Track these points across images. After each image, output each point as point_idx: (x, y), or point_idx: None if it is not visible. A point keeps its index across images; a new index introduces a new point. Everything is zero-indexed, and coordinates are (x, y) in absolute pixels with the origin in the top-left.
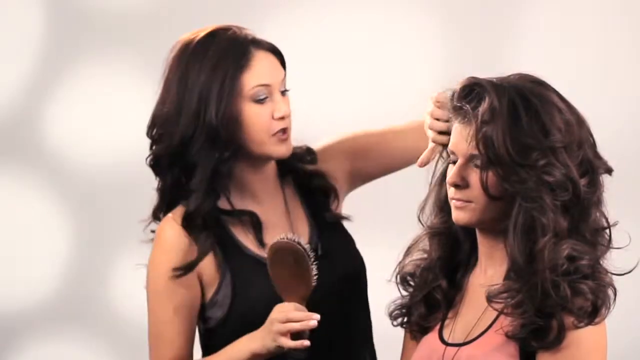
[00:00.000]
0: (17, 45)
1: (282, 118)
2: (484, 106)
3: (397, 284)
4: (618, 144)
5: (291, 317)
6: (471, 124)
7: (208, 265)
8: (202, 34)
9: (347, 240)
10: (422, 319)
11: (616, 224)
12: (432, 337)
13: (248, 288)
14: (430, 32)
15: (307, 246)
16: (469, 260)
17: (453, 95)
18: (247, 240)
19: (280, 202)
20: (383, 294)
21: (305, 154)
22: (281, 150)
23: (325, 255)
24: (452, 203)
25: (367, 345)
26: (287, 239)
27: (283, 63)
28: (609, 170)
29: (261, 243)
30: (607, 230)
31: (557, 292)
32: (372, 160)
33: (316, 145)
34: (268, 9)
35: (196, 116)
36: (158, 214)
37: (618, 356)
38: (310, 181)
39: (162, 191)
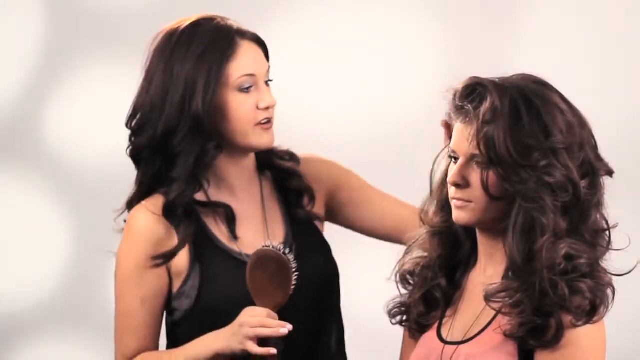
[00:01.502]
0: (17, 46)
1: (267, 108)
2: (485, 106)
3: (396, 282)
4: (619, 145)
5: (264, 323)
6: (472, 124)
7: (178, 256)
8: (186, 24)
9: (323, 245)
10: (421, 317)
11: (616, 226)
12: (430, 336)
13: (216, 280)
14: (430, 32)
15: (291, 257)
16: (469, 259)
17: (455, 95)
18: (219, 232)
19: (256, 197)
20: (381, 293)
21: (285, 154)
22: (264, 141)
23: (298, 254)
24: (453, 203)
25: (340, 348)
26: (272, 247)
27: (267, 54)
28: (610, 172)
29: (234, 236)
30: (607, 232)
31: (555, 291)
32: (351, 207)
33: (307, 154)
34: (268, 8)
35: (181, 106)
36: (134, 204)
37: (618, 356)
38: (288, 179)
39: (141, 182)
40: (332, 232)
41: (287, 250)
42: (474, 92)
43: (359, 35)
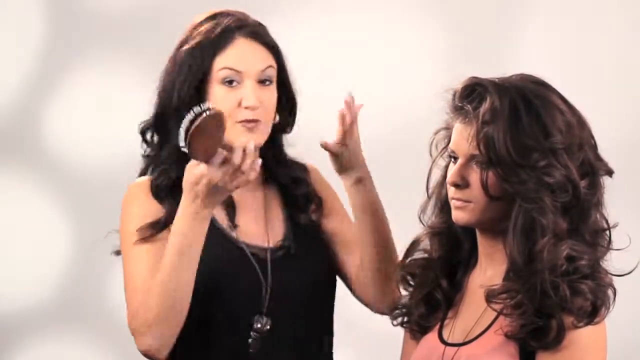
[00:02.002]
0: (17, 45)
1: (248, 108)
2: (485, 106)
3: (397, 283)
4: (618, 145)
5: (226, 169)
6: (472, 124)
7: None
8: (204, 15)
9: (325, 252)
10: (422, 319)
11: (616, 226)
12: (431, 337)
13: (211, 260)
14: (430, 32)
15: (208, 104)
16: (469, 260)
17: (454, 95)
18: (219, 216)
19: (259, 194)
20: None
21: (294, 163)
22: (244, 140)
23: (296, 255)
24: (452, 203)
25: (330, 352)
26: (195, 113)
27: (275, 54)
28: (610, 172)
29: (232, 223)
30: (607, 232)
31: (556, 293)
32: (327, 235)
33: (310, 165)
34: (269, 9)
35: (170, 93)
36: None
37: (618, 356)
38: (295, 188)
39: (144, 159)
40: None
41: (204, 106)
42: (473, 92)
43: (358, 35)
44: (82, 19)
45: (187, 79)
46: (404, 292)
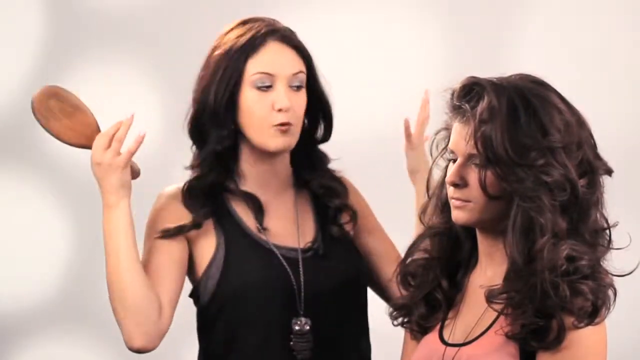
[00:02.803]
0: (17, 45)
1: (281, 110)
2: (482, 105)
3: (397, 283)
4: (618, 144)
5: (104, 142)
6: (470, 124)
7: (205, 237)
8: (234, 23)
9: (354, 253)
10: (422, 319)
11: (616, 225)
12: (432, 337)
13: (241, 262)
14: (430, 32)
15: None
16: (470, 260)
17: (453, 95)
18: (248, 220)
19: (289, 200)
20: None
21: (334, 178)
22: (277, 143)
23: (325, 257)
24: (452, 202)
25: (368, 350)
26: (34, 97)
27: (305, 58)
28: (609, 171)
29: (261, 225)
30: (607, 231)
31: (556, 293)
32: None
33: (341, 175)
34: (269, 9)
35: (205, 96)
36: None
37: (618, 356)
38: (328, 199)
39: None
40: None
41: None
42: (471, 91)
43: (358, 35)
44: (82, 18)
45: (223, 82)
46: (404, 292)
